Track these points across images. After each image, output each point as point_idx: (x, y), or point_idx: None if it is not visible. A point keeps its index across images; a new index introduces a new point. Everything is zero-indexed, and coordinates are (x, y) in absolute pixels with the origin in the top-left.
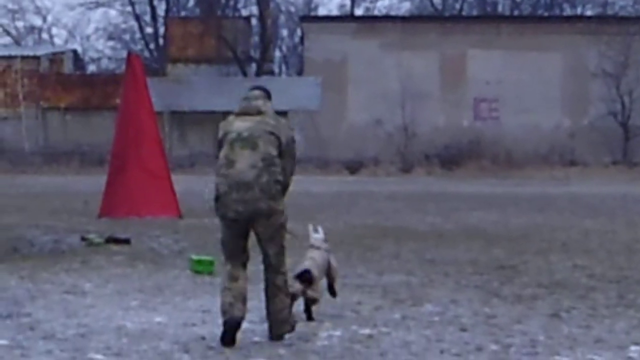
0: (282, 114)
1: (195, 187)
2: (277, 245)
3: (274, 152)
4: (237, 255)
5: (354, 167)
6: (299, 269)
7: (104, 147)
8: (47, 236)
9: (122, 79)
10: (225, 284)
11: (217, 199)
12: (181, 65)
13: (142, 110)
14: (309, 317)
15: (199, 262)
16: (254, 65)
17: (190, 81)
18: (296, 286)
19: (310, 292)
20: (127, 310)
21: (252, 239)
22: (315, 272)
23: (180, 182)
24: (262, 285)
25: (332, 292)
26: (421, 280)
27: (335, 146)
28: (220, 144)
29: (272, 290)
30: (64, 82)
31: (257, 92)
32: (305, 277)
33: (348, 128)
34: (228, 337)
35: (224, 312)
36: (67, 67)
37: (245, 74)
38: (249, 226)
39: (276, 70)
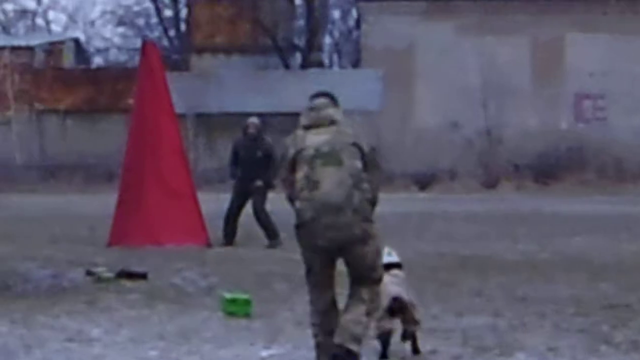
0: None
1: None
2: (377, 274)
3: (359, 165)
4: (327, 285)
5: (424, 182)
6: (386, 298)
7: (113, 159)
8: (45, 270)
9: (135, 74)
10: (318, 339)
11: (301, 226)
12: (208, 56)
13: (161, 112)
14: (415, 350)
15: (233, 301)
16: (298, 56)
17: (219, 76)
18: (386, 324)
19: (407, 325)
20: None
21: None
22: (405, 296)
23: (208, 202)
24: None
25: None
26: (510, 323)
27: (400, 155)
28: (292, 165)
29: (354, 301)
30: (63, 78)
31: (323, 100)
32: (397, 307)
33: (417, 133)
34: None
35: (319, 355)
36: (68, 60)
37: (287, 66)
38: (341, 254)
39: (326, 61)
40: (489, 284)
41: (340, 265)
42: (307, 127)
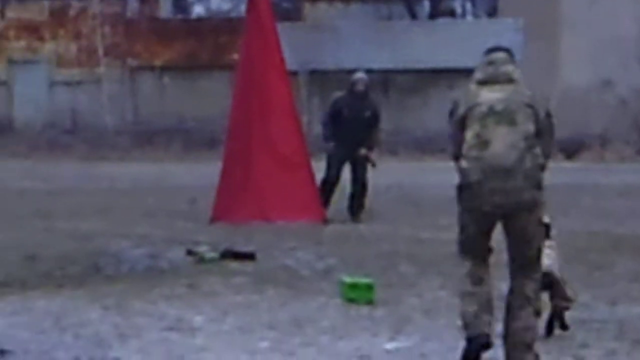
0: (467, 72)
1: (347, 178)
2: (536, 246)
3: (533, 129)
4: (481, 253)
5: (571, 149)
6: None
7: (216, 122)
8: (140, 249)
9: (241, 25)
10: (467, 287)
11: (466, 187)
12: (323, 5)
13: (270, 69)
14: (563, 326)
15: (354, 286)
16: (426, 4)
17: (336, 27)
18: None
19: (557, 301)
20: (253, 354)
21: None
22: (556, 270)
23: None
24: None
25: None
26: None
27: None
28: (461, 123)
29: (519, 301)
30: (160, 30)
31: (502, 55)
32: (546, 283)
33: (563, 92)
34: (471, 357)
35: (467, 325)
36: (164, 9)
37: (414, 15)
38: (503, 222)
39: (458, 10)
40: None
41: None
42: (482, 83)
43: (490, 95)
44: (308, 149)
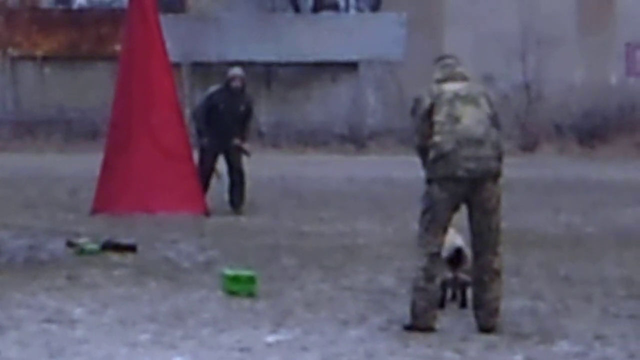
0: (350, 65)
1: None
2: (497, 220)
3: (491, 113)
4: (442, 228)
5: None
6: (448, 249)
7: (98, 113)
8: (20, 240)
9: (123, 15)
10: (420, 284)
11: (441, 157)
12: None
13: (153, 60)
14: (463, 304)
15: (235, 278)
16: None
17: (219, 19)
18: (447, 274)
19: (463, 276)
20: (133, 346)
21: None
22: (467, 250)
23: None
24: None
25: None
26: (553, 307)
27: None
28: (428, 114)
29: (489, 276)
30: (41, 20)
31: (453, 60)
32: (457, 258)
33: None
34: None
35: (415, 317)
36: None
37: (297, 8)
38: (471, 191)
39: (341, 3)
40: (528, 262)
41: None
42: (442, 81)
43: (452, 86)
44: (190, 141)
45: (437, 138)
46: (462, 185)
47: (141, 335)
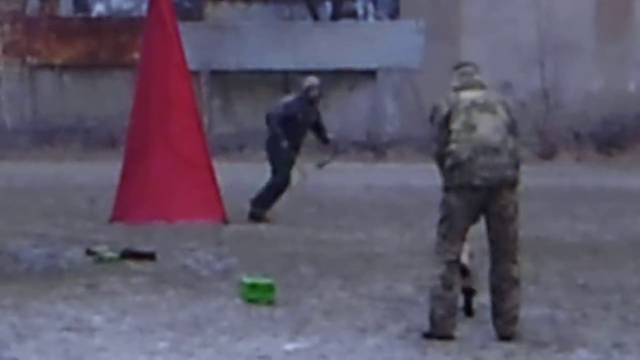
0: (369, 73)
1: (246, 178)
2: (515, 228)
3: (509, 121)
4: (459, 236)
5: None
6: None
7: (116, 121)
8: (39, 249)
9: (142, 24)
10: (438, 292)
11: (457, 166)
12: (225, 4)
13: (171, 69)
14: (469, 312)
15: (253, 286)
16: (328, 5)
17: (237, 28)
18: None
19: (467, 282)
20: (152, 354)
21: None
22: (467, 262)
23: (225, 171)
24: None
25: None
26: (571, 316)
27: None
28: (446, 121)
29: (507, 284)
30: (60, 29)
31: (471, 68)
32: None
33: None
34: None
35: (434, 324)
36: (65, 7)
37: (316, 17)
38: (488, 200)
39: (360, 11)
40: (546, 270)
41: None
42: (460, 89)
43: (469, 94)
44: (208, 149)
45: (453, 146)
46: (478, 194)
47: (159, 343)
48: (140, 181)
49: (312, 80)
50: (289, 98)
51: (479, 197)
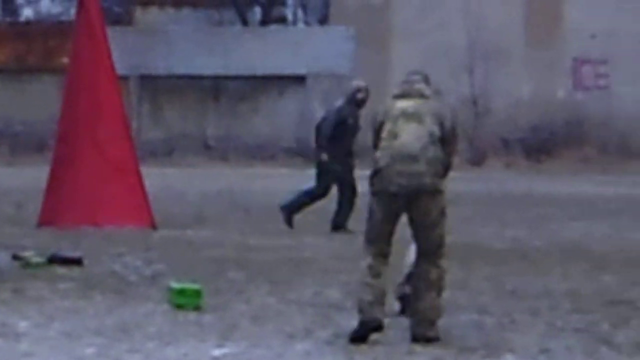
0: (298, 79)
1: (176, 183)
2: (440, 233)
3: (438, 132)
4: (382, 242)
5: None
6: (408, 266)
7: (45, 126)
8: None
9: (71, 28)
10: (366, 279)
11: (377, 172)
12: (155, 9)
13: (100, 73)
14: (404, 310)
15: (181, 292)
16: (257, 10)
17: (167, 33)
18: (406, 289)
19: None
20: None
21: None
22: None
23: (154, 177)
24: None
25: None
26: (499, 321)
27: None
28: (379, 128)
29: (424, 285)
30: None
31: (417, 76)
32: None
33: None
34: (360, 336)
35: (361, 310)
36: None
37: (245, 22)
38: (407, 206)
39: (290, 17)
40: (475, 276)
41: None
42: (398, 97)
43: (403, 104)
44: (137, 153)
45: (377, 154)
46: (397, 200)
47: (87, 349)
48: (69, 186)
49: (359, 83)
50: (339, 103)
51: (397, 203)
